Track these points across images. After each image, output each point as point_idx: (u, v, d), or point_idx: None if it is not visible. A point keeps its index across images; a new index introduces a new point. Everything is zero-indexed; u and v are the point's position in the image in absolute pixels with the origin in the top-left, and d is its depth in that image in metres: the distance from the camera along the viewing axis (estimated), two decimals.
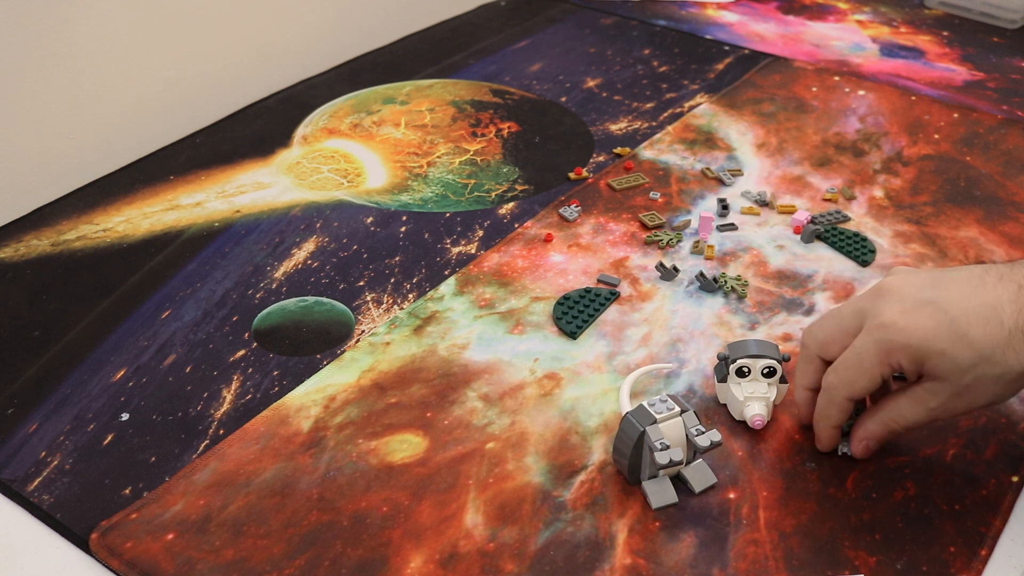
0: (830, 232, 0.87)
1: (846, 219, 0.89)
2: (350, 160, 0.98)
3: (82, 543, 0.60)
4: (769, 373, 0.67)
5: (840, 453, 0.65)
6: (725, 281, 0.81)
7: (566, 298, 0.79)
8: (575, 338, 0.75)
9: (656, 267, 0.80)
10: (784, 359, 0.67)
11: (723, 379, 0.68)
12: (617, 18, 1.30)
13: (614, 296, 0.80)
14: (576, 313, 0.77)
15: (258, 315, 0.78)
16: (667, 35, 1.25)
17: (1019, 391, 0.61)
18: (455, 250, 0.85)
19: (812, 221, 0.88)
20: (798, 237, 0.87)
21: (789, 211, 0.90)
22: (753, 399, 0.67)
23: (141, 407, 0.70)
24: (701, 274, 0.80)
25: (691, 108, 1.08)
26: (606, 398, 0.70)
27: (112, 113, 0.98)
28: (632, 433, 0.61)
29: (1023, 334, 0.57)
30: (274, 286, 0.81)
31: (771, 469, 0.65)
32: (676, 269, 0.80)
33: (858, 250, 0.85)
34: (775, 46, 1.23)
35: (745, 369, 0.67)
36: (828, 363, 0.64)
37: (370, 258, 0.84)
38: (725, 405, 0.69)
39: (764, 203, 0.91)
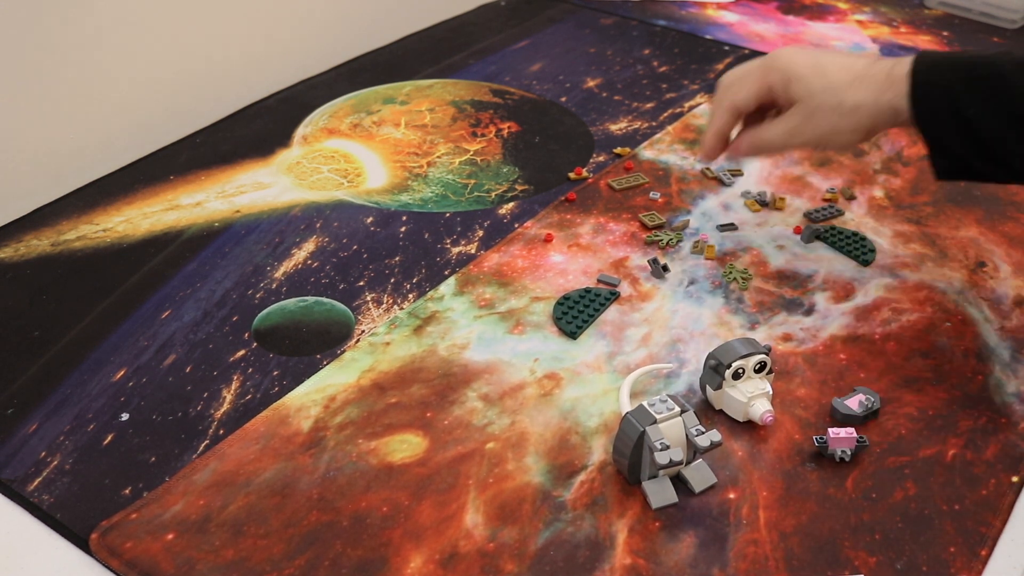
0: (830, 232, 0.87)
1: (840, 213, 0.89)
2: (350, 160, 0.98)
3: (82, 543, 0.60)
4: (761, 368, 0.67)
5: (838, 459, 0.65)
6: (731, 272, 0.81)
7: (566, 298, 0.79)
8: (575, 338, 0.75)
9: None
10: (767, 350, 0.68)
11: (718, 386, 0.68)
12: (617, 18, 1.30)
13: (614, 296, 0.80)
14: (576, 313, 0.77)
15: (258, 315, 0.78)
16: (667, 35, 1.25)
17: (853, 128, 0.75)
18: (455, 250, 0.85)
19: (807, 216, 0.89)
20: (798, 237, 0.87)
21: (780, 207, 0.90)
22: (756, 398, 0.67)
23: (141, 407, 0.70)
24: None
25: (691, 108, 1.08)
26: (606, 398, 0.70)
27: (112, 113, 0.98)
28: (632, 433, 0.61)
29: (861, 80, 0.73)
30: (274, 286, 0.81)
31: (771, 469, 0.65)
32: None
33: (858, 250, 0.85)
34: (775, 46, 1.23)
35: (740, 371, 0.67)
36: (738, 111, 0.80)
37: (370, 258, 0.84)
38: (721, 410, 0.69)
39: (764, 203, 0.91)
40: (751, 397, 0.67)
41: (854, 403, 0.68)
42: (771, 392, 0.68)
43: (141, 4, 0.97)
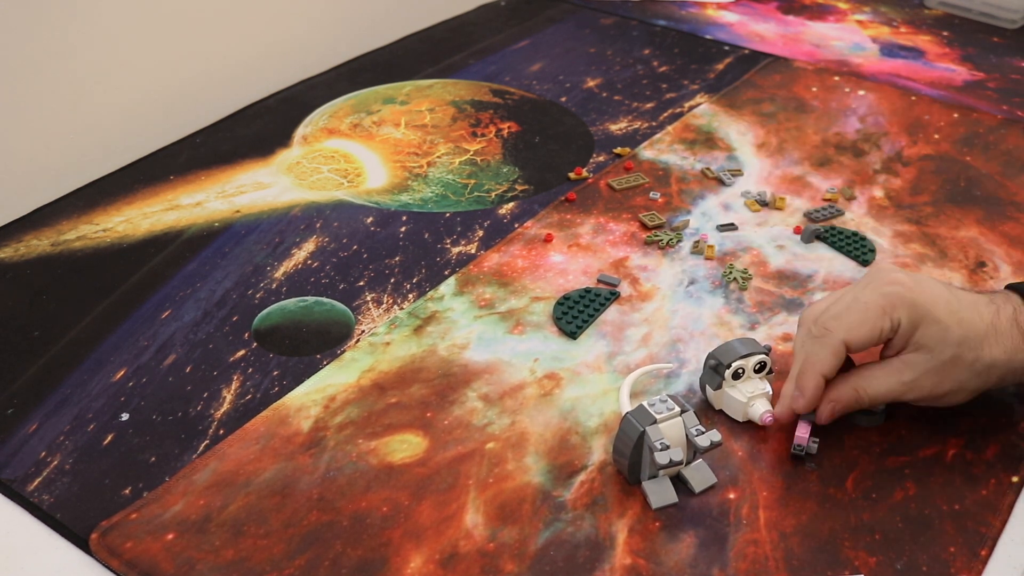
0: (830, 232, 0.87)
1: (840, 213, 0.89)
2: (350, 160, 0.98)
3: (82, 543, 0.60)
4: (760, 368, 0.67)
5: (801, 452, 0.65)
6: (731, 272, 0.81)
7: (566, 298, 0.79)
8: (575, 338, 0.75)
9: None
10: (767, 350, 0.68)
11: (718, 386, 0.68)
12: (617, 18, 1.30)
13: (614, 296, 0.80)
14: (576, 313, 0.77)
15: (258, 315, 0.78)
16: (667, 35, 1.25)
17: (978, 388, 0.65)
18: (455, 250, 0.85)
19: (807, 215, 0.89)
20: (798, 237, 0.87)
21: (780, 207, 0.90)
22: (756, 398, 0.67)
23: (141, 407, 0.70)
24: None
25: (691, 108, 1.08)
26: (606, 398, 0.70)
27: (112, 113, 0.98)
28: (632, 433, 0.61)
29: (995, 331, 0.63)
30: (274, 286, 0.81)
31: (771, 469, 0.65)
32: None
33: (858, 249, 0.85)
34: (775, 46, 1.23)
35: (740, 371, 0.67)
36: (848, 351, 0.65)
37: (370, 258, 0.84)
38: (721, 410, 0.69)
39: (764, 203, 0.91)
40: (751, 397, 0.67)
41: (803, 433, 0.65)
42: (771, 392, 0.68)
43: (141, 4, 0.97)
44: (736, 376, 0.67)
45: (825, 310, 0.65)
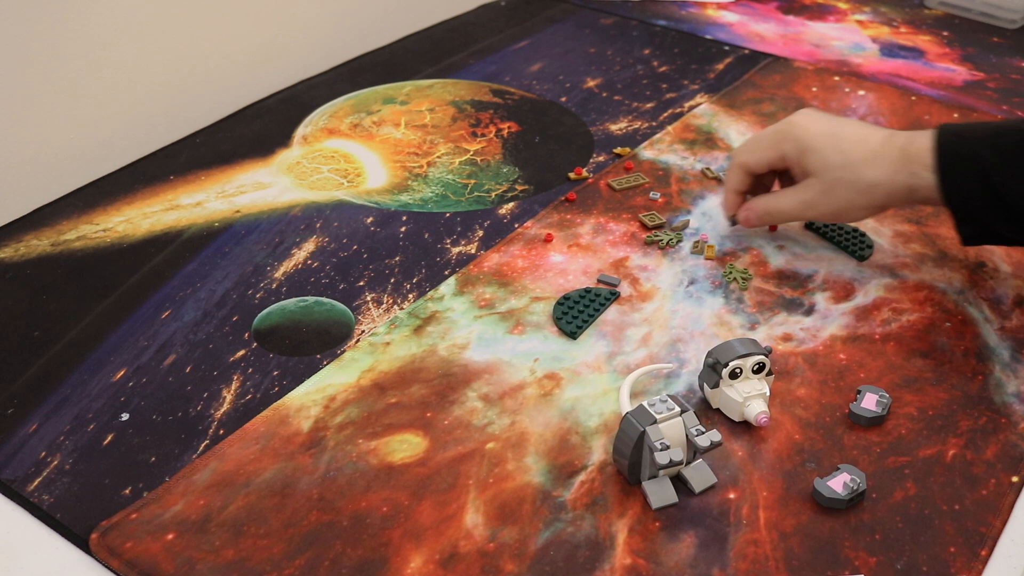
0: (829, 227, 0.87)
1: None
2: (350, 160, 0.98)
3: (82, 543, 0.60)
4: (759, 369, 0.67)
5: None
6: (731, 272, 0.81)
7: (566, 298, 0.79)
8: (575, 338, 0.75)
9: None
10: (767, 351, 0.68)
11: (715, 385, 0.68)
12: (617, 18, 1.30)
13: (614, 296, 0.80)
14: (576, 313, 0.77)
15: (258, 315, 0.78)
16: (667, 35, 1.25)
17: (867, 205, 0.77)
18: (455, 250, 0.85)
19: None
20: (799, 237, 0.87)
21: None
22: (752, 398, 0.67)
23: (141, 407, 0.70)
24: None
25: (691, 108, 1.08)
26: (606, 398, 0.70)
27: (112, 113, 0.98)
28: (632, 433, 0.61)
29: (877, 157, 0.74)
30: (274, 286, 0.81)
31: (771, 469, 0.65)
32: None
33: (855, 245, 0.85)
34: (775, 46, 1.23)
35: (737, 370, 0.67)
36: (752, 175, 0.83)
37: (370, 258, 0.84)
38: (719, 409, 0.69)
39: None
40: (747, 397, 0.67)
41: (838, 484, 0.62)
42: (768, 393, 0.68)
43: (141, 4, 0.97)
44: (734, 376, 0.67)
45: (740, 146, 0.83)
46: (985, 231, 0.76)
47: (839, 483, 0.62)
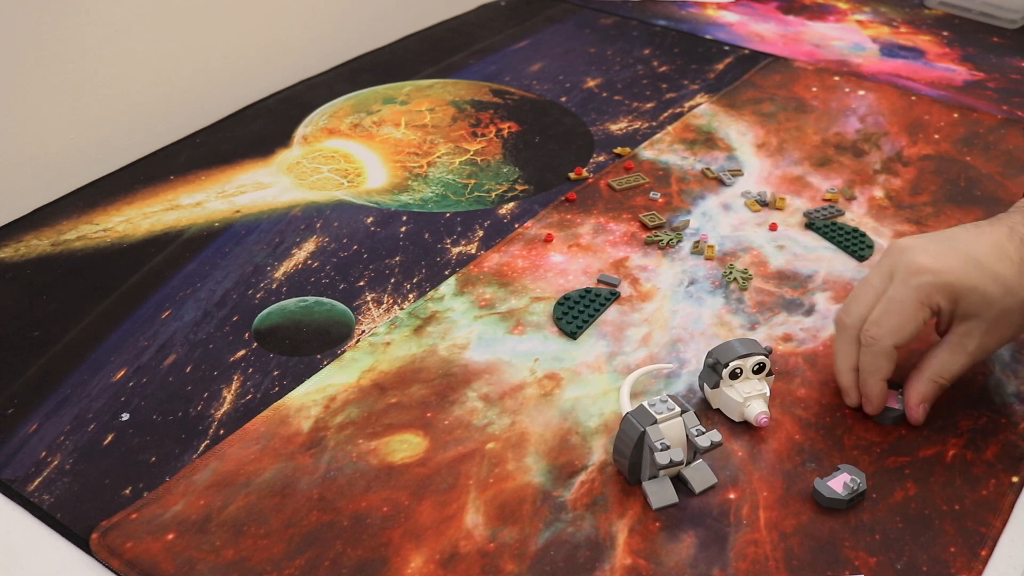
0: (829, 227, 0.87)
1: (840, 213, 0.89)
2: (350, 160, 0.98)
3: (82, 543, 0.60)
4: (759, 369, 0.67)
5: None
6: (731, 272, 0.81)
7: (566, 298, 0.79)
8: (575, 338, 0.75)
9: None
10: (767, 352, 0.68)
11: (715, 385, 0.68)
12: (617, 18, 1.30)
13: (614, 296, 0.80)
14: (576, 313, 0.77)
15: (258, 315, 0.78)
16: (667, 35, 1.25)
17: None
18: (455, 250, 0.85)
19: (807, 215, 0.89)
20: (799, 237, 0.87)
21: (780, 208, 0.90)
22: (753, 398, 0.67)
23: (141, 407, 0.70)
24: None
25: (691, 108, 1.08)
26: (606, 398, 0.70)
27: (112, 113, 0.98)
28: (632, 433, 0.61)
29: None
30: (274, 286, 0.81)
31: (771, 469, 0.65)
32: None
33: (856, 245, 0.85)
34: (775, 46, 1.23)
35: (737, 371, 0.67)
36: None
37: (370, 258, 0.84)
38: (719, 409, 0.69)
39: (764, 203, 0.91)
40: (747, 397, 0.67)
41: (838, 484, 0.62)
42: (768, 394, 0.68)
43: (141, 4, 0.97)
44: (734, 376, 0.67)
45: (863, 316, 0.66)
46: None
47: (839, 483, 0.62)
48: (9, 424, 0.68)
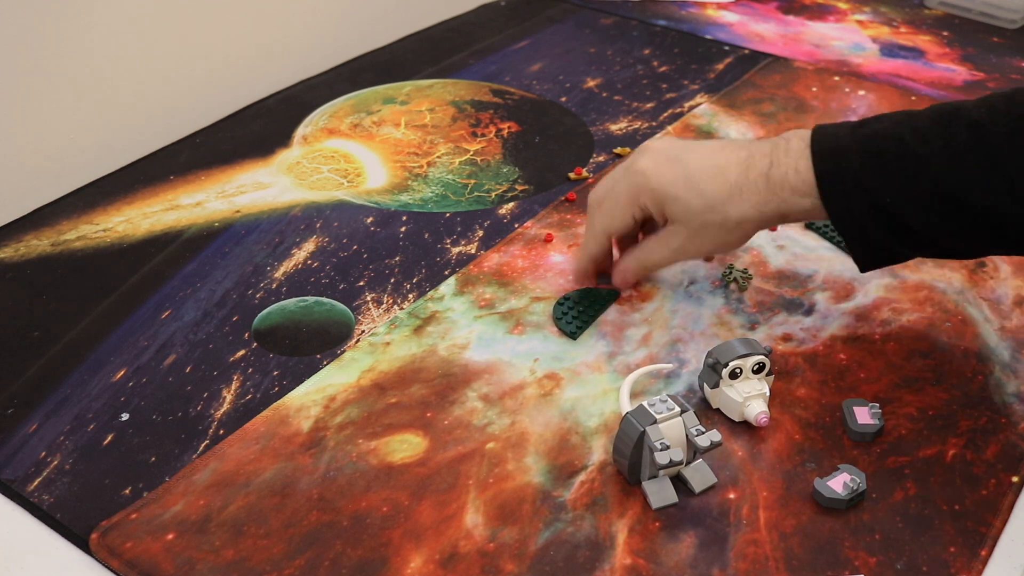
0: (829, 227, 0.87)
1: None
2: (350, 160, 0.98)
3: (82, 543, 0.60)
4: (759, 369, 0.67)
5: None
6: (731, 272, 0.81)
7: (566, 298, 0.79)
8: (575, 338, 0.75)
9: None
10: (767, 351, 0.68)
11: (715, 385, 0.68)
12: (617, 18, 1.30)
13: (614, 296, 0.80)
14: (576, 314, 0.77)
15: (258, 315, 0.78)
16: (667, 35, 1.25)
17: (740, 239, 0.73)
18: (455, 250, 0.85)
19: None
20: (799, 237, 0.87)
21: None
22: (752, 398, 0.67)
23: (141, 407, 0.70)
24: None
25: (691, 108, 1.08)
26: (606, 398, 0.70)
27: (112, 113, 0.98)
28: (632, 433, 0.61)
29: (740, 191, 0.70)
30: (274, 286, 0.81)
31: (771, 469, 0.65)
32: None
33: None
34: (775, 46, 1.23)
35: (737, 370, 0.67)
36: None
37: (370, 258, 0.84)
38: (719, 409, 0.69)
39: None
40: (747, 397, 0.67)
41: (838, 484, 0.63)
42: (768, 393, 0.68)
43: (141, 4, 0.97)
44: (734, 376, 0.67)
45: (594, 193, 0.77)
46: (883, 254, 0.71)
47: (839, 483, 0.62)
48: (9, 424, 0.68)
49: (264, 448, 0.66)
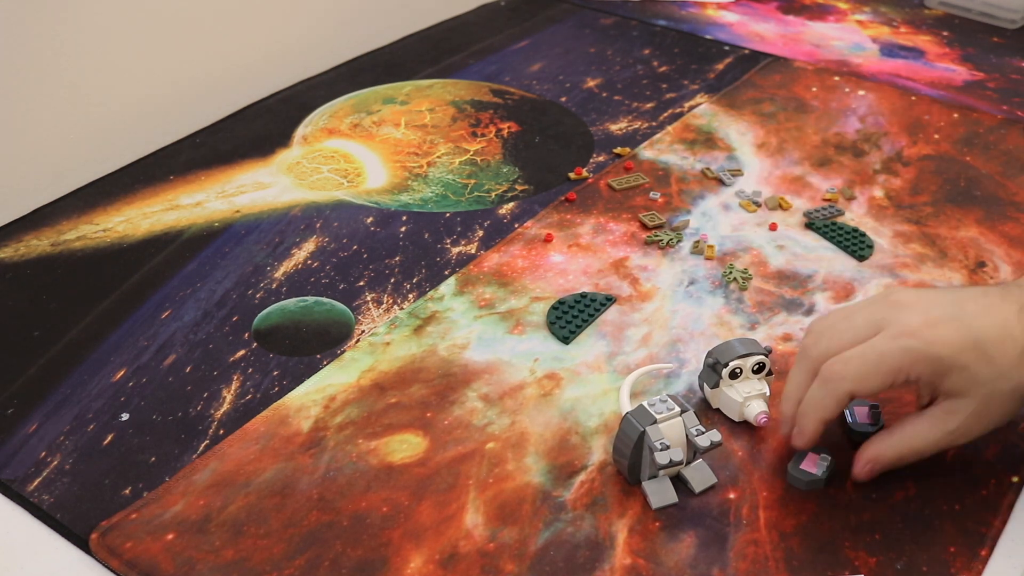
0: (829, 227, 0.87)
1: (840, 213, 0.89)
2: (350, 160, 0.98)
3: (82, 543, 0.60)
4: (759, 369, 0.67)
5: (805, 484, 0.63)
6: (731, 272, 0.81)
7: (561, 302, 0.79)
8: (567, 343, 0.75)
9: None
10: (767, 351, 0.67)
11: (715, 385, 0.68)
12: (617, 18, 1.30)
13: (610, 301, 0.79)
14: (571, 318, 0.77)
15: (258, 315, 0.78)
16: (667, 35, 1.25)
17: (1021, 408, 0.61)
18: (455, 250, 0.85)
19: (807, 215, 0.89)
20: (799, 237, 0.87)
21: (785, 207, 0.90)
22: (752, 398, 0.67)
23: (141, 407, 0.70)
24: None
25: (691, 108, 1.08)
26: (606, 398, 0.70)
27: (112, 113, 0.98)
28: (632, 433, 0.61)
29: None
30: (274, 286, 0.81)
31: (771, 469, 0.65)
32: None
33: (855, 244, 0.85)
34: (775, 46, 1.23)
35: (737, 370, 0.67)
36: None
37: (370, 258, 0.84)
38: (719, 409, 0.69)
39: (758, 203, 0.91)
40: (747, 397, 0.67)
41: (811, 465, 0.63)
42: (768, 393, 0.68)
43: (141, 4, 0.97)
44: (734, 376, 0.67)
45: (837, 349, 0.61)
46: None
47: (811, 463, 0.62)
48: (9, 424, 0.68)
49: (264, 448, 0.66)
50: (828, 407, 0.61)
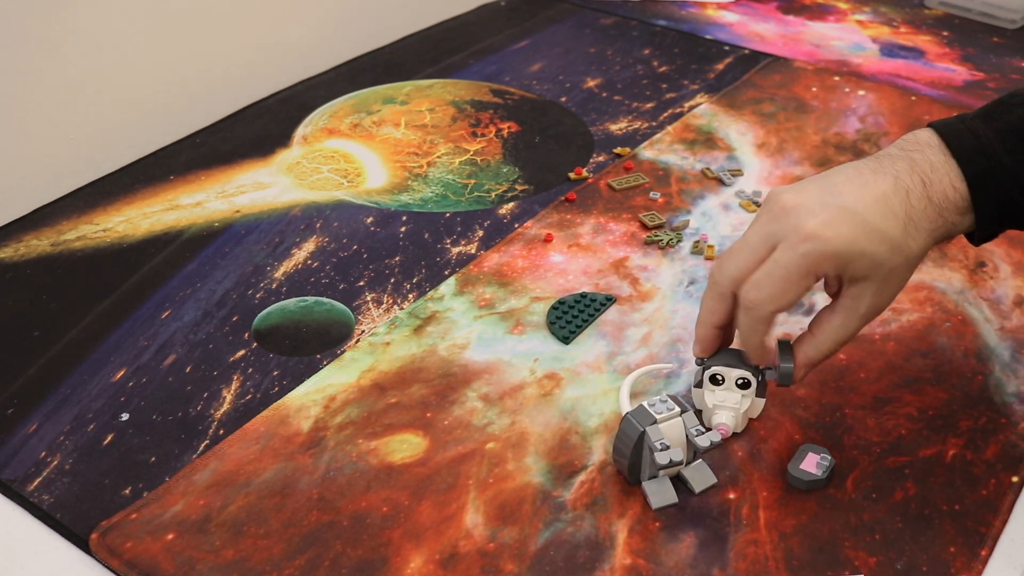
0: None
1: None
2: (350, 160, 0.98)
3: (82, 543, 0.60)
4: (743, 385, 0.66)
5: (806, 484, 0.63)
6: None
7: (561, 302, 0.79)
8: (567, 343, 0.75)
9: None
10: (758, 372, 0.66)
11: (698, 384, 0.67)
12: (617, 18, 1.30)
13: (610, 302, 0.79)
14: (570, 318, 0.77)
15: (258, 315, 0.78)
16: (667, 35, 1.25)
17: (911, 275, 0.64)
18: (455, 250, 0.85)
19: None
20: None
21: None
22: (722, 408, 0.65)
23: (141, 407, 0.70)
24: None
25: (691, 108, 1.08)
26: (606, 398, 0.70)
27: (112, 113, 0.98)
28: (632, 433, 0.61)
29: (911, 222, 0.61)
30: (274, 286, 0.81)
31: (771, 469, 0.65)
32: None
33: None
34: (775, 46, 1.23)
35: (719, 377, 0.66)
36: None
37: (370, 258, 0.84)
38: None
39: (757, 204, 0.91)
40: (716, 405, 0.65)
41: (811, 465, 0.63)
42: (744, 410, 0.66)
43: (141, 4, 0.97)
44: (715, 381, 0.66)
45: (738, 276, 0.62)
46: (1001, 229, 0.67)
47: (812, 464, 0.62)
48: (9, 424, 0.68)
49: (264, 448, 0.66)
50: (759, 330, 0.63)
